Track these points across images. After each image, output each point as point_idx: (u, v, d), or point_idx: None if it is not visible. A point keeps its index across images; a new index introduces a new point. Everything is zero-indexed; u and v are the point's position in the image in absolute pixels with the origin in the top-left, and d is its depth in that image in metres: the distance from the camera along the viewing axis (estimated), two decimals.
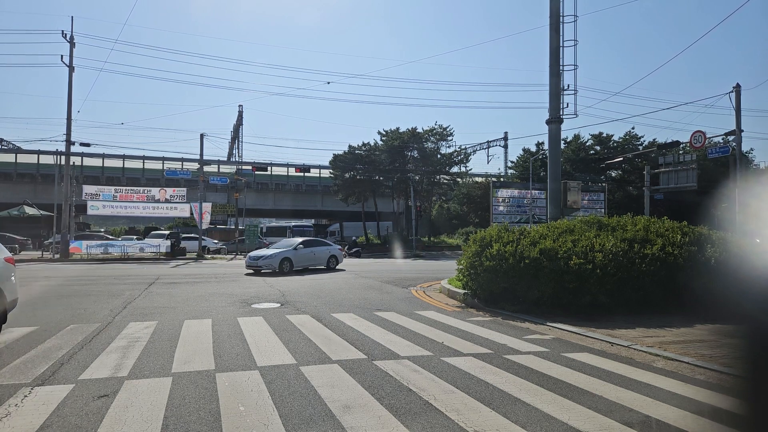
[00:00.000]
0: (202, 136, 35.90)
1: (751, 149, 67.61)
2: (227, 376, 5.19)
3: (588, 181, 38.77)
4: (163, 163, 49.85)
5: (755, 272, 1.15)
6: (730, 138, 25.88)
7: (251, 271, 19.18)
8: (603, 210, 34.10)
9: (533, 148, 43.89)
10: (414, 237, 41.13)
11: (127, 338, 7.10)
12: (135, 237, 43.77)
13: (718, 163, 33.95)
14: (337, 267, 21.66)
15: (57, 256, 30.54)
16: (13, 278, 7.71)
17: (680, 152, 33.37)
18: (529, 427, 3.80)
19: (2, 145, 50.23)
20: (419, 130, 45.47)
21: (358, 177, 45.00)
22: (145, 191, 35.97)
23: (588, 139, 44.76)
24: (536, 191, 35.15)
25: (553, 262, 9.09)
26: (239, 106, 63.92)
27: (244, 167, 50.89)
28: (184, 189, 37.57)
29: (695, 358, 5.90)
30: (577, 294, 8.97)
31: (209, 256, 35.33)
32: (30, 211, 43.21)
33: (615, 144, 43.79)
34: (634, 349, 6.52)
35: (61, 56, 33.78)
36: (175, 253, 32.66)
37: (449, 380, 5.03)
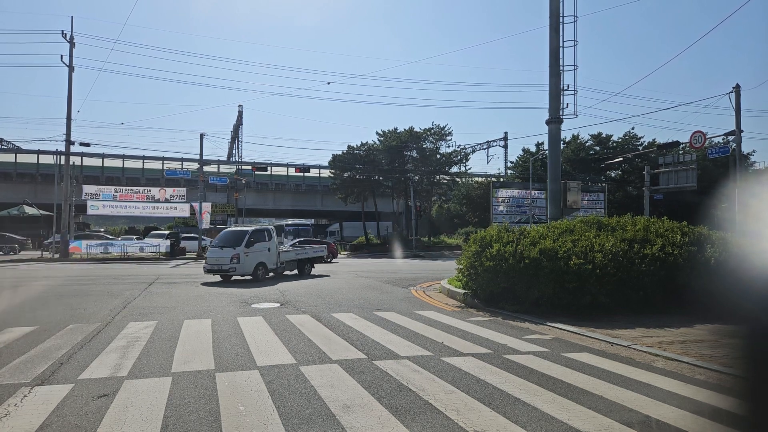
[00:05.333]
0: (201, 136, 35.90)
1: (753, 151, 67.66)
2: (227, 375, 5.19)
3: (588, 181, 38.75)
4: (162, 163, 49.81)
5: (755, 272, 1.15)
6: (730, 138, 25.88)
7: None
8: (603, 210, 34.07)
9: (533, 148, 43.84)
10: (414, 237, 41.11)
11: (127, 338, 7.10)
12: (135, 237, 43.76)
13: (718, 163, 33.91)
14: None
15: (57, 255, 30.53)
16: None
17: (680, 152, 33.35)
18: (529, 427, 3.80)
19: (2, 145, 50.19)
20: (417, 129, 45.44)
21: (357, 177, 44.97)
22: (145, 191, 35.96)
23: (588, 140, 44.72)
24: (536, 191, 35.13)
25: (552, 262, 9.09)
26: (239, 106, 64.00)
27: (243, 167, 50.89)
28: (184, 189, 37.56)
29: (695, 358, 5.90)
30: (577, 294, 8.97)
31: None
32: (30, 210, 43.20)
33: (615, 144, 43.75)
34: (634, 349, 6.52)
35: (61, 56, 33.79)
36: (175, 253, 32.66)
37: (449, 380, 5.02)
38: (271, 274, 16.78)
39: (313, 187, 56.98)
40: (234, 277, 15.98)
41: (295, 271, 18.18)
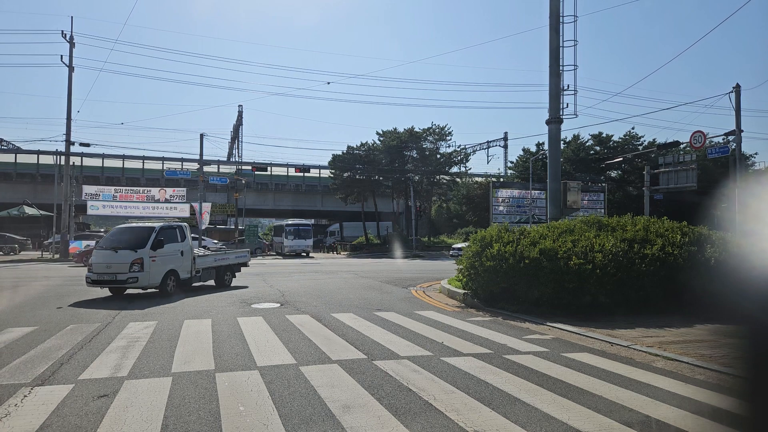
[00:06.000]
0: (201, 136, 35.89)
1: (756, 153, 67.49)
2: (227, 376, 5.19)
3: (588, 181, 38.73)
4: (162, 163, 49.78)
5: (754, 272, 1.15)
6: (730, 138, 25.88)
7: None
8: (603, 210, 34.09)
9: (533, 148, 43.86)
10: (414, 237, 41.11)
11: (127, 338, 7.11)
12: None
13: (718, 163, 33.92)
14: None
15: (56, 256, 30.54)
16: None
17: (680, 152, 33.36)
18: (529, 427, 3.80)
19: (2, 145, 50.16)
20: (417, 129, 45.45)
21: (357, 177, 44.97)
22: (145, 191, 36.02)
23: (588, 140, 44.74)
24: (536, 191, 35.15)
25: (552, 262, 9.09)
26: (239, 106, 63.88)
27: (243, 167, 50.86)
28: (184, 189, 37.63)
29: (695, 358, 5.90)
30: (577, 294, 8.97)
31: None
32: (30, 211, 43.18)
33: (615, 144, 43.77)
34: (634, 349, 6.52)
35: (61, 56, 33.83)
36: None
37: (449, 380, 5.03)
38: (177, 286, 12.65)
39: (313, 187, 56.97)
40: (129, 290, 12.36)
41: (211, 282, 14.25)
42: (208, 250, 15.94)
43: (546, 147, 24.80)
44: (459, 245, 28.43)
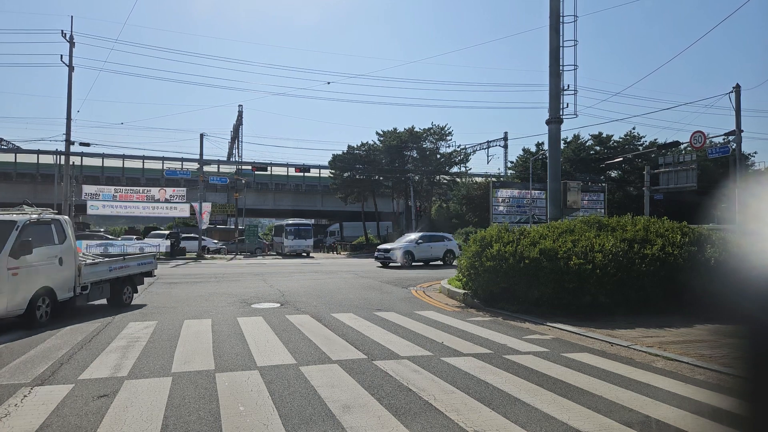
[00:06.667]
0: (201, 136, 35.92)
1: (755, 152, 67.49)
2: (227, 376, 5.19)
3: (588, 181, 38.68)
4: (162, 163, 49.77)
5: (754, 272, 1.15)
6: (730, 138, 25.88)
7: None
8: (603, 210, 34.06)
9: (533, 148, 43.85)
10: None
11: (127, 338, 7.11)
12: (135, 237, 43.72)
13: (718, 163, 33.93)
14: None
15: None
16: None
17: (680, 152, 33.37)
18: (529, 427, 3.80)
19: (2, 145, 50.16)
20: (417, 129, 45.46)
21: (357, 177, 44.98)
22: (145, 191, 35.98)
23: (588, 139, 44.71)
24: (536, 191, 35.11)
25: (552, 263, 9.09)
26: (239, 106, 63.89)
27: (244, 167, 50.86)
28: (184, 189, 37.57)
29: (695, 358, 5.90)
30: (577, 294, 8.97)
31: (209, 256, 35.34)
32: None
33: (615, 144, 43.76)
34: (634, 349, 6.52)
35: (61, 56, 33.82)
36: (175, 253, 32.66)
37: (449, 380, 5.03)
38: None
39: (313, 187, 56.96)
40: None
41: (103, 301, 10.34)
42: (100, 256, 12.26)
43: (546, 147, 24.79)
44: (386, 246, 24.66)
